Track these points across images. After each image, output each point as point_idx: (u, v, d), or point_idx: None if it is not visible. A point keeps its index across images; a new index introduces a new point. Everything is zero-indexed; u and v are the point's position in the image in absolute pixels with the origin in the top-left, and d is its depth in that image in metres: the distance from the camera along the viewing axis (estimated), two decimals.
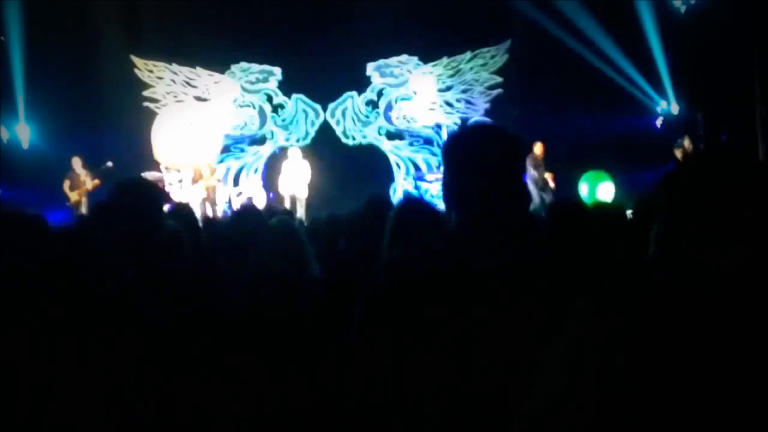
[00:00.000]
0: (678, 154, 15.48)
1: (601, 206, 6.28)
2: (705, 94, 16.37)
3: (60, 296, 2.89)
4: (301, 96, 18.49)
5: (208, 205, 16.09)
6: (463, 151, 2.42)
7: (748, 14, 14.97)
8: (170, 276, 3.68)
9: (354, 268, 4.26)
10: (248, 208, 4.54)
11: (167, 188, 17.01)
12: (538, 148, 15.56)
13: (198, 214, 7.76)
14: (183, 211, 5.39)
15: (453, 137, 2.55)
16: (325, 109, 18.54)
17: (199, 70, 18.18)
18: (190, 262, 4.22)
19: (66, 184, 15.84)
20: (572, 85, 16.92)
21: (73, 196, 15.78)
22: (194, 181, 16.65)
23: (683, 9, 16.68)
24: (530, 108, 16.82)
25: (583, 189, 16.10)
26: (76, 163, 15.91)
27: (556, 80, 17.09)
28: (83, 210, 15.23)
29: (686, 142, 15.41)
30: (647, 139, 17.11)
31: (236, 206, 17.48)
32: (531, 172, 14.91)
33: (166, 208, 4.78)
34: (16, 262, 2.95)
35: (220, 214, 16.06)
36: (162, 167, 17.73)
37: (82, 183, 15.82)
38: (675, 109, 17.30)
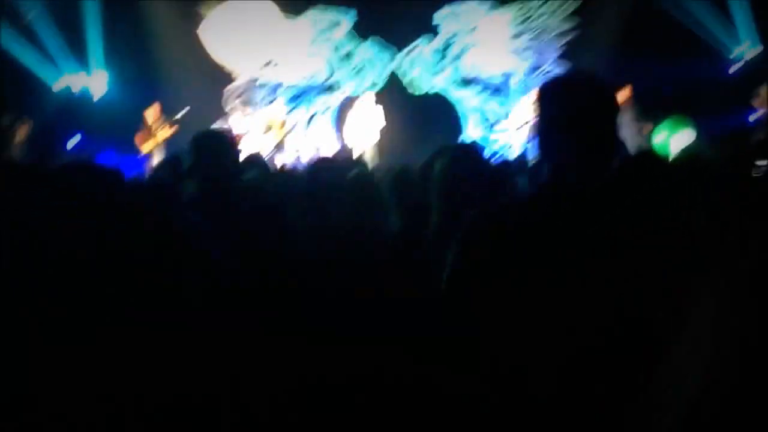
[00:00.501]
0: (758, 102, 14.99)
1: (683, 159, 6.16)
2: None
3: (134, 247, 2.93)
4: (374, 41, 18.35)
5: (278, 155, 16.15)
6: (558, 100, 2.43)
7: None
8: (249, 228, 3.72)
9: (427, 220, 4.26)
10: (325, 161, 4.54)
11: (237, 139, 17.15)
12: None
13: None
14: (258, 161, 5.44)
15: (548, 86, 2.55)
16: (393, 56, 18.41)
17: (273, 7, 18.13)
18: (268, 213, 4.25)
19: (140, 137, 15.98)
20: (645, 31, 16.56)
21: (148, 146, 15.92)
22: (265, 131, 16.72)
23: None
24: (600, 54, 16.54)
25: (660, 137, 15.81)
26: (152, 111, 16.04)
27: (626, 24, 16.76)
28: (160, 157, 15.38)
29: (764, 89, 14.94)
30: (721, 87, 16.73)
31: (306, 156, 17.59)
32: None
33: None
34: (94, 216, 2.98)
35: (290, 164, 16.13)
36: (231, 117, 17.85)
37: (157, 132, 15.94)
38: (753, 52, 16.81)
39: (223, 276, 3.22)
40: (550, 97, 2.49)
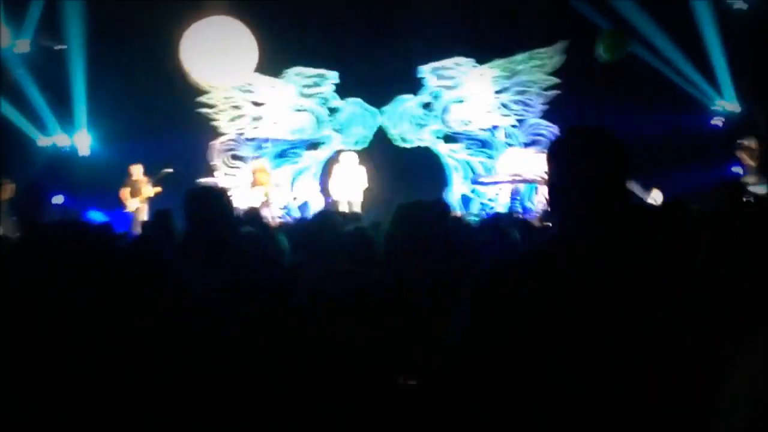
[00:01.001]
0: (743, 155, 15.17)
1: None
2: (766, 93, 16.13)
3: (134, 308, 2.89)
4: (357, 99, 18.47)
5: (266, 210, 16.13)
6: (571, 154, 2.43)
7: None
8: (251, 282, 3.67)
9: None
10: (329, 215, 4.52)
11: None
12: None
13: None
14: (255, 216, 5.41)
15: (561, 140, 2.56)
16: (380, 112, 18.51)
17: (255, 75, 18.23)
18: (272, 266, 4.22)
19: (125, 192, 15.99)
20: (629, 84, 16.74)
21: (133, 204, 15.92)
22: (252, 185, 16.75)
23: (743, 6, 16.43)
24: (586, 108, 16.65)
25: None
26: (136, 170, 16.06)
27: (613, 79, 16.92)
28: (144, 217, 15.35)
29: (752, 143, 15.09)
30: (705, 139, 16.92)
31: (295, 211, 17.61)
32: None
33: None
34: (90, 273, 2.95)
35: (278, 219, 16.12)
36: (219, 172, 17.88)
37: (140, 190, 15.96)
38: (734, 108, 17.00)
39: (223, 327, 3.17)
40: (562, 150, 2.50)
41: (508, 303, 2.29)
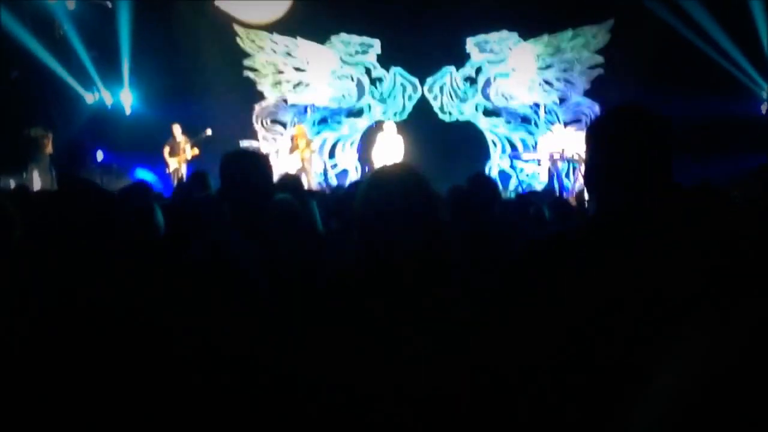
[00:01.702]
0: None
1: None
2: None
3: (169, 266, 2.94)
4: (400, 69, 18.43)
5: (303, 176, 16.18)
6: (611, 133, 2.40)
7: None
8: (286, 248, 3.71)
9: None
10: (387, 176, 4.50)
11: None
12: None
13: None
14: (291, 182, 5.43)
15: (601, 119, 2.53)
16: (423, 83, 18.46)
17: (299, 40, 18.25)
18: (305, 236, 4.25)
19: (166, 151, 16.12)
20: (674, 66, 16.57)
21: (173, 163, 16.05)
22: (291, 151, 16.80)
23: None
24: (631, 89, 16.49)
25: None
26: (177, 130, 16.17)
27: (658, 61, 16.76)
28: (182, 176, 15.48)
29: None
30: (751, 125, 16.72)
31: (332, 179, 17.65)
32: None
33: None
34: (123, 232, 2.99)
35: (314, 185, 16.17)
36: (260, 136, 17.95)
37: (181, 150, 16.07)
38: None
39: (257, 294, 3.20)
40: (603, 129, 2.47)
41: (543, 283, 2.29)
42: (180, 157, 16.03)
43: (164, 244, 4.60)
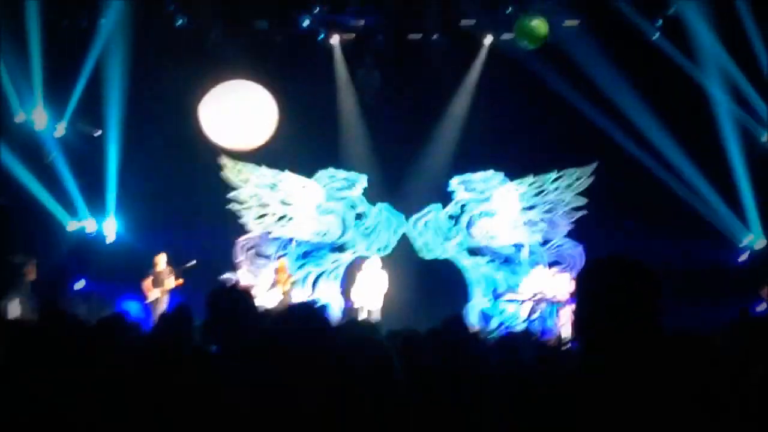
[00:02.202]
0: (765, 293, 15.18)
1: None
2: None
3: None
4: (385, 205, 18.57)
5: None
6: (601, 283, 2.44)
7: None
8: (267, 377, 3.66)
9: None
10: (355, 323, 4.50)
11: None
12: None
13: None
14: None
15: (591, 268, 2.57)
16: (407, 220, 18.58)
17: (286, 173, 18.42)
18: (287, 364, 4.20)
19: (148, 282, 16.05)
20: (656, 212, 16.80)
21: (155, 294, 15.96)
22: (273, 284, 16.78)
23: None
24: (612, 232, 16.64)
25: None
26: (161, 260, 16.15)
27: (640, 206, 17.00)
28: (163, 308, 15.37)
29: None
30: (730, 273, 16.85)
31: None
32: None
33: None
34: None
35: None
36: (240, 269, 17.91)
37: (163, 281, 16.02)
38: (761, 244, 16.94)
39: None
40: (596, 279, 2.51)
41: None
42: (162, 287, 15.96)
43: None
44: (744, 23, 15.51)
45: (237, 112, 15.78)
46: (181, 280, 16.05)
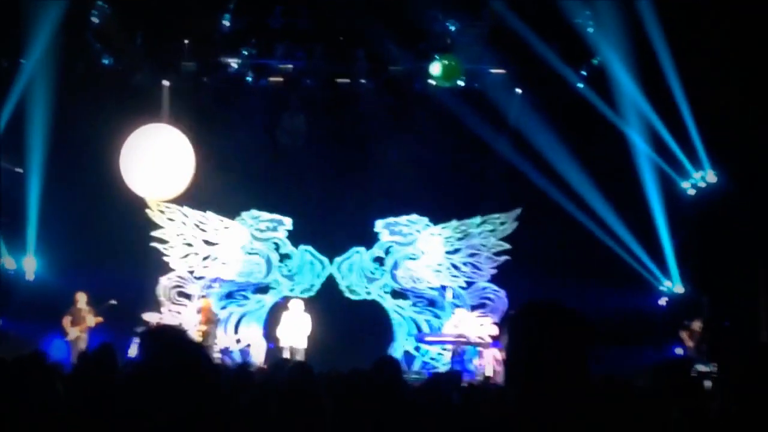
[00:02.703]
0: (684, 335, 15.53)
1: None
2: (710, 277, 16.49)
3: None
4: (309, 247, 18.58)
5: (207, 350, 15.92)
6: (531, 328, 2.41)
7: (755, 199, 15.21)
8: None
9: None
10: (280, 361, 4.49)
11: None
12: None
13: None
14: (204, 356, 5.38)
15: (519, 314, 2.53)
16: (331, 261, 18.60)
17: (209, 214, 18.35)
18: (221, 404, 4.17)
19: (67, 320, 15.78)
20: (579, 258, 17.09)
21: (74, 332, 15.69)
22: (196, 323, 16.63)
23: (691, 191, 16.97)
24: (535, 277, 16.82)
25: None
26: (81, 298, 15.90)
27: (564, 252, 17.27)
28: (82, 346, 15.11)
29: (696, 325, 15.46)
30: (650, 317, 17.19)
31: (236, 354, 17.44)
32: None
33: None
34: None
35: (216, 359, 15.95)
36: (163, 308, 17.72)
37: (83, 319, 15.76)
38: (680, 289, 17.31)
39: None
40: (522, 324, 2.48)
41: None
42: (81, 325, 15.69)
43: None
44: (665, 74, 15.87)
45: (154, 162, 15.72)
46: (100, 318, 15.83)
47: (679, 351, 15.69)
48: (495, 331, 17.07)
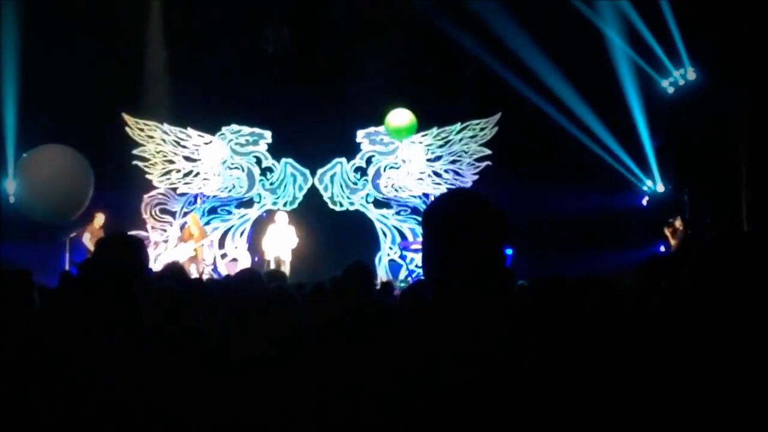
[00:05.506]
0: (667, 232, 15.62)
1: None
2: (691, 175, 16.53)
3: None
4: (290, 160, 18.55)
5: (194, 265, 16.01)
6: (440, 218, 2.36)
7: (736, 96, 15.16)
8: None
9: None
10: (252, 273, 4.48)
11: (153, 247, 17.01)
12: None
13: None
14: (177, 271, 5.38)
15: (437, 206, 2.47)
16: (313, 174, 18.58)
17: (189, 130, 18.22)
18: (188, 320, 4.21)
19: (87, 237, 15.83)
20: (560, 161, 17.10)
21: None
22: (183, 240, 16.64)
23: (671, 89, 16.89)
24: (517, 182, 16.83)
25: None
26: (99, 218, 16.01)
27: (544, 155, 17.27)
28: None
29: (677, 222, 15.54)
30: (633, 217, 17.28)
31: (222, 266, 17.51)
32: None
33: (156, 266, 4.74)
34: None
35: (206, 274, 16.02)
36: (148, 225, 17.72)
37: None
38: (661, 188, 17.37)
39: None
40: (430, 214, 2.42)
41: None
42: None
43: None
44: None
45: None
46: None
47: (662, 249, 15.83)
48: None
